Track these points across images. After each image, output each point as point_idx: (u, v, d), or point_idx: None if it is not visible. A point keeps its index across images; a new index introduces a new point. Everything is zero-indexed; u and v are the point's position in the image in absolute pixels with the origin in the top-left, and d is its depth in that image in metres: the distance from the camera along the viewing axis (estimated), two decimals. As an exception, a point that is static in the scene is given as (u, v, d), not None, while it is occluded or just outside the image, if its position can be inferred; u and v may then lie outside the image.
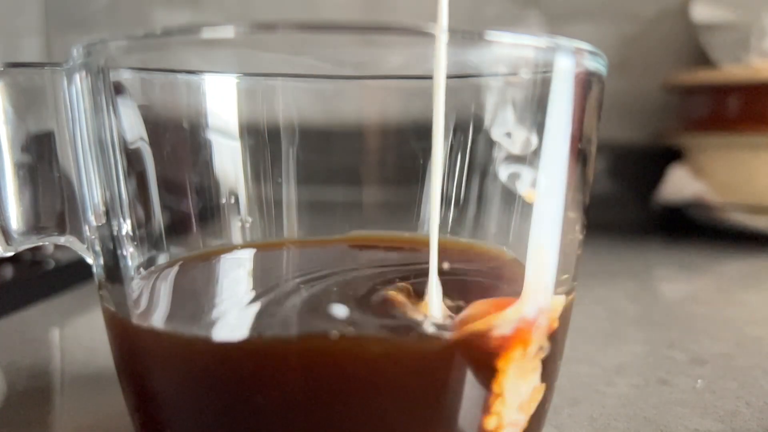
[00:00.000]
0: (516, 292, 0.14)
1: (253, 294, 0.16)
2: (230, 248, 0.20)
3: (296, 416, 0.13)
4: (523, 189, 0.16)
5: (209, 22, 0.12)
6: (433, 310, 0.14)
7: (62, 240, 0.17)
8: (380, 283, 0.16)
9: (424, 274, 0.14)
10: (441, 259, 0.14)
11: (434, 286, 0.14)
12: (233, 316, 0.15)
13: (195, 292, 0.16)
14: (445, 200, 0.20)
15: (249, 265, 0.19)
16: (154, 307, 0.15)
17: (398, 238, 0.21)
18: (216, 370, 0.13)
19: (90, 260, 0.16)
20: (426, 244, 0.14)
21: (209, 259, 0.19)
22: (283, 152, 0.20)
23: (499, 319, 0.13)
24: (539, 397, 0.15)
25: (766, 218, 0.47)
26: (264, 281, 0.18)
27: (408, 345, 0.13)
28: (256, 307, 0.15)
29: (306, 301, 0.15)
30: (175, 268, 0.18)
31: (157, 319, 0.14)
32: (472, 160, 0.19)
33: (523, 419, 0.14)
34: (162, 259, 0.18)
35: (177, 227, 0.18)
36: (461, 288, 0.15)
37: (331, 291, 0.16)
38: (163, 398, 0.14)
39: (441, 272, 0.14)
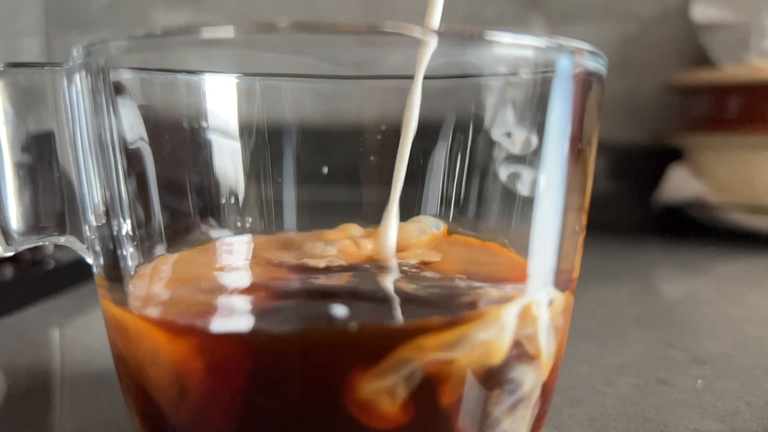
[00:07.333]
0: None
1: (252, 287, 0.16)
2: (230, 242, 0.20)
3: (299, 412, 0.13)
4: (523, 189, 0.16)
5: (209, 22, 0.12)
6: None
7: (62, 240, 0.17)
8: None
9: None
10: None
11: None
12: (233, 310, 0.15)
13: (193, 289, 0.16)
14: (446, 200, 0.20)
15: (248, 258, 0.19)
16: (154, 306, 0.15)
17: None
18: (216, 366, 0.13)
19: (90, 260, 0.16)
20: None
21: (208, 252, 0.19)
22: (283, 152, 0.20)
23: (499, 318, 0.13)
24: (539, 396, 0.15)
25: (766, 218, 0.47)
26: (263, 275, 0.17)
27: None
28: (257, 300, 0.15)
29: (306, 295, 0.15)
30: (174, 266, 0.18)
31: (156, 317, 0.14)
32: (472, 160, 0.19)
33: (523, 419, 0.14)
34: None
35: (177, 227, 0.18)
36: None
37: (331, 285, 0.16)
38: (162, 396, 0.14)
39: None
